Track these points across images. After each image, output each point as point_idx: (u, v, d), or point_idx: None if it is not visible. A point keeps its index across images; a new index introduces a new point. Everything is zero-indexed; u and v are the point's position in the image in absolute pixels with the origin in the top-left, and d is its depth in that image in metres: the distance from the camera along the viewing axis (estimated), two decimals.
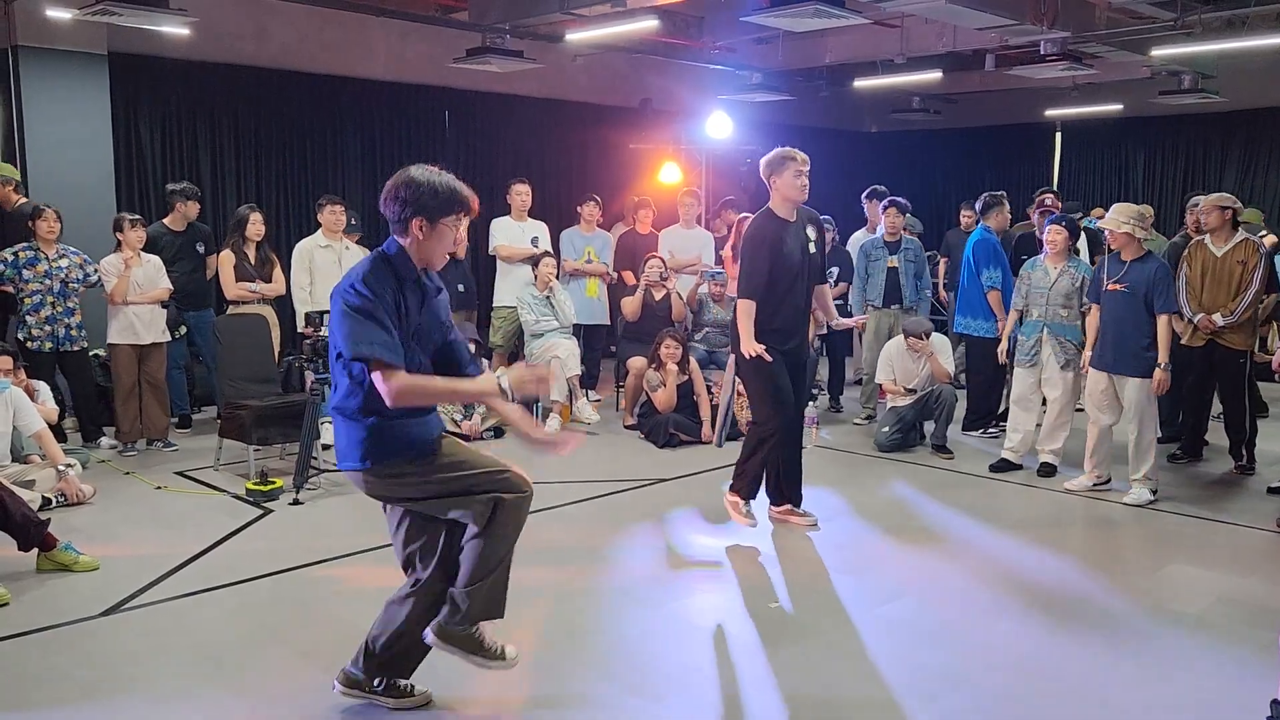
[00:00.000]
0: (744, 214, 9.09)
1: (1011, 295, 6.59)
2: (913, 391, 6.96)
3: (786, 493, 5.30)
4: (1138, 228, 5.57)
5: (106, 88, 7.83)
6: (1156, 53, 9.09)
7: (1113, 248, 5.71)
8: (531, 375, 3.05)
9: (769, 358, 4.90)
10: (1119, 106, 12.30)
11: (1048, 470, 6.19)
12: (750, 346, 4.89)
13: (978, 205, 7.60)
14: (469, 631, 3.04)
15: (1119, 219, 5.60)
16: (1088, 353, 5.91)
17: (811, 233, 5.11)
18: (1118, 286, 5.63)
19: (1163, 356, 5.52)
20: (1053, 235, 6.19)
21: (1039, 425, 6.38)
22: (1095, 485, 5.90)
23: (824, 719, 3.28)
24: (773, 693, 3.46)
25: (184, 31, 7.53)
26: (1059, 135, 13.87)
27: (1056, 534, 5.21)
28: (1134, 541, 5.19)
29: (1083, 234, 7.51)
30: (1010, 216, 7.68)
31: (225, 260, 7.08)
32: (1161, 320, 5.53)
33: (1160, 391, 5.59)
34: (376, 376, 2.82)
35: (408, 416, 2.98)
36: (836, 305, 8.15)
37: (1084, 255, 7.69)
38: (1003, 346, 6.37)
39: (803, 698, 3.42)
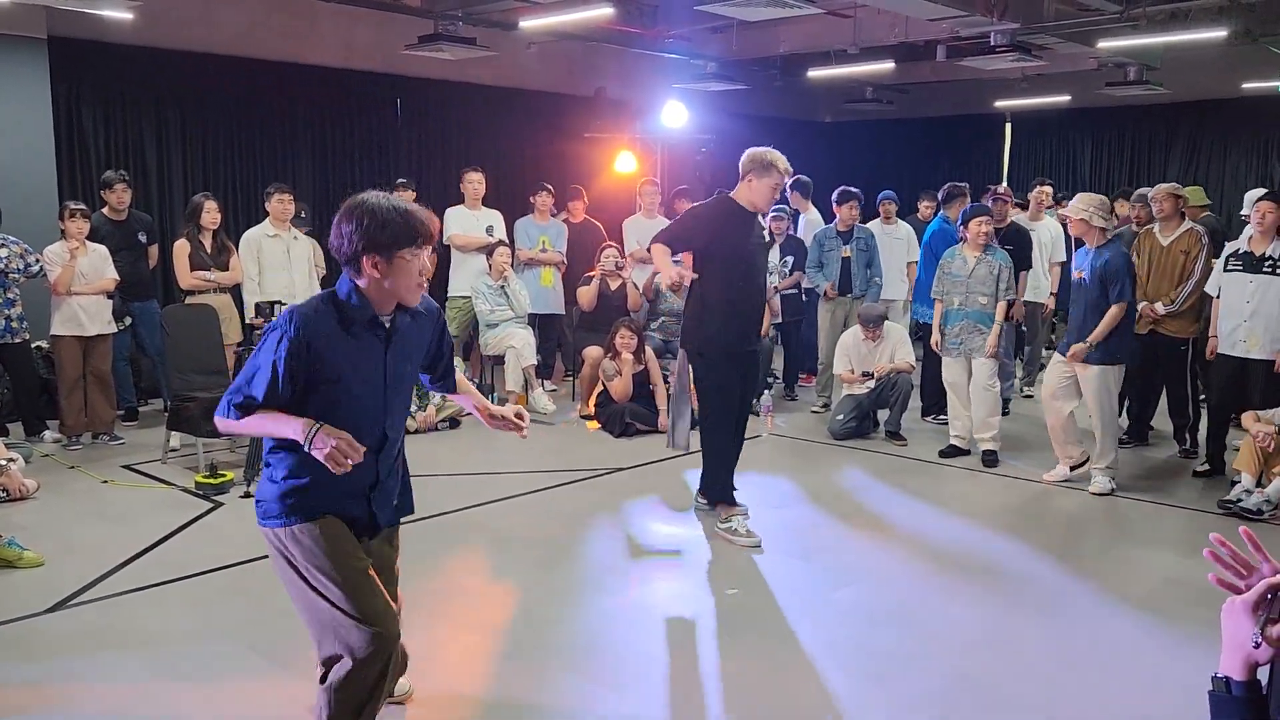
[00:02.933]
0: (697, 204, 9.12)
1: None
2: (870, 375, 7.01)
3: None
4: (1097, 215, 5.56)
5: (47, 73, 7.62)
6: (1103, 44, 9.24)
7: (1074, 234, 5.83)
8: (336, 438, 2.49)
9: (686, 277, 4.87)
10: (1067, 98, 12.49)
11: (990, 459, 6.26)
12: (669, 270, 4.88)
13: (940, 195, 7.68)
14: None
15: (1078, 205, 5.62)
16: (992, 340, 6.14)
17: (764, 222, 5.17)
18: (1079, 274, 5.74)
19: (1094, 337, 5.54)
20: (985, 226, 6.26)
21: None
22: (1074, 469, 5.88)
23: (780, 704, 3.31)
24: (730, 679, 3.48)
25: (126, 16, 7.35)
26: (1009, 126, 14.06)
27: (1006, 518, 5.29)
28: (1081, 525, 5.29)
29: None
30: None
31: (180, 249, 6.93)
32: (1113, 309, 5.53)
33: (1073, 359, 5.64)
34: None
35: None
36: (791, 294, 8.27)
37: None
38: (935, 337, 6.45)
39: (759, 684, 3.44)
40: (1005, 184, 12.35)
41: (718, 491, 5.07)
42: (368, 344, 2.62)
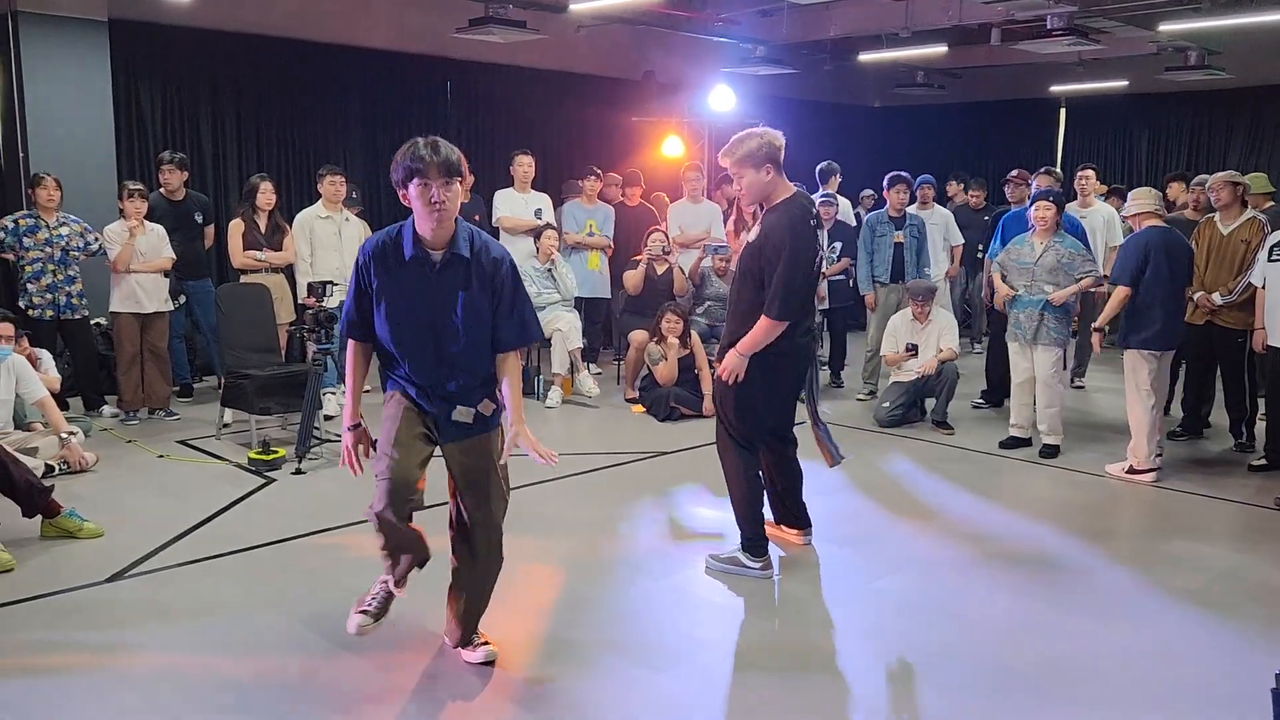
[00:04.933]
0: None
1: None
2: (914, 350, 6.93)
3: (784, 511, 4.67)
4: (1161, 205, 5.78)
5: (107, 54, 7.76)
6: (1164, 28, 9.01)
7: (1136, 229, 5.81)
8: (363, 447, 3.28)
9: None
10: (1124, 83, 12.22)
11: (1050, 451, 6.17)
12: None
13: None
14: None
15: (1136, 204, 5.75)
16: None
17: (752, 234, 4.25)
18: None
19: (1100, 321, 5.88)
20: (1041, 211, 6.17)
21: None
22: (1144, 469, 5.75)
23: (822, 690, 3.31)
24: (772, 664, 3.48)
25: None
26: (1064, 111, 13.79)
27: (1056, 509, 5.23)
28: (1134, 518, 5.21)
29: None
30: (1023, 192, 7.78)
31: (234, 229, 7.06)
32: (1116, 291, 5.67)
33: (1096, 350, 5.90)
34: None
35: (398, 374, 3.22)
36: (839, 281, 8.20)
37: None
38: (1003, 291, 6.28)
39: (802, 669, 3.45)
40: (1057, 167, 12.21)
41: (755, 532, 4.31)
42: (414, 274, 3.06)
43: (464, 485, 3.28)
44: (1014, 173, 8.59)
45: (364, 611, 3.22)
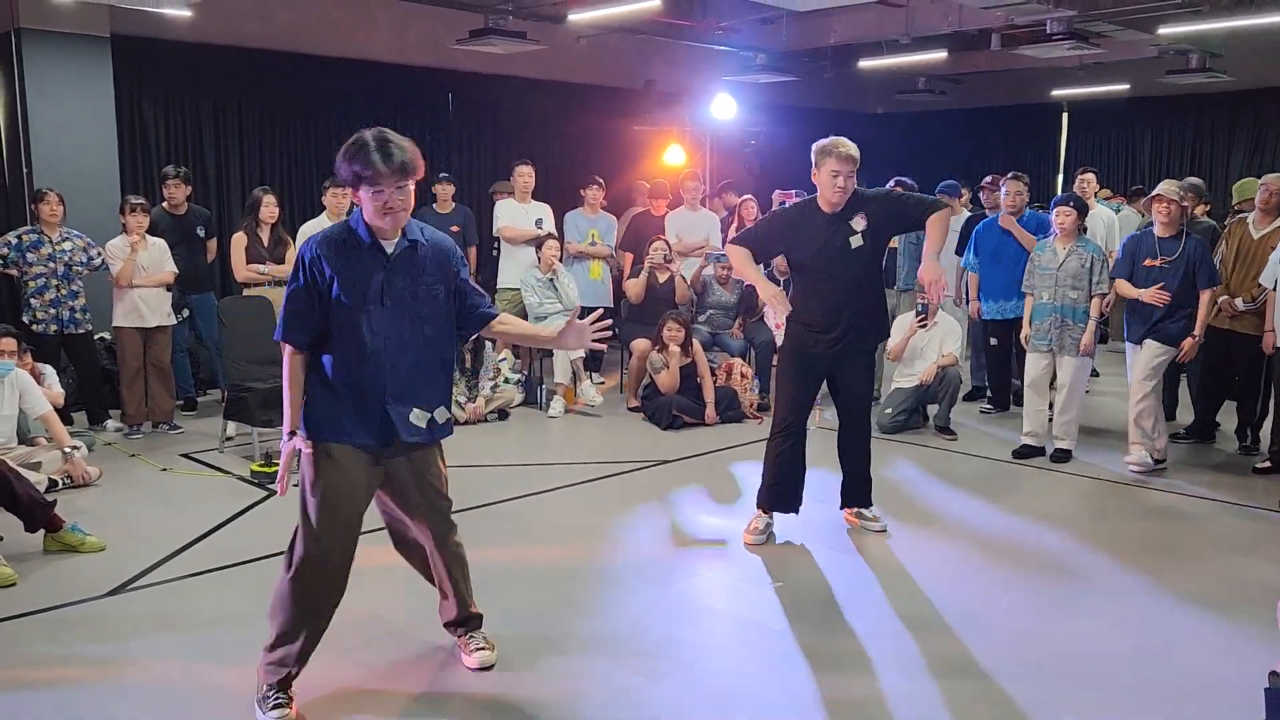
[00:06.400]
0: (745, 196, 9.09)
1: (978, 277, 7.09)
2: (925, 312, 6.90)
3: (849, 495, 5.01)
4: (1190, 198, 5.87)
5: (109, 70, 7.80)
6: (1165, 31, 9.01)
7: (1161, 220, 5.72)
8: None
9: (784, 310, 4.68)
10: (1125, 86, 12.23)
11: (1062, 456, 6.14)
12: (766, 291, 4.66)
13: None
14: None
15: (1174, 188, 5.73)
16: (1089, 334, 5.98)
17: (857, 223, 4.57)
18: (1155, 262, 5.73)
19: (1199, 329, 5.69)
20: (1061, 217, 6.14)
21: (1052, 406, 6.40)
22: (1158, 464, 5.89)
23: (826, 699, 3.30)
24: (775, 673, 3.47)
25: (186, 14, 7.51)
26: (1065, 115, 13.80)
27: (1059, 513, 5.21)
28: (1137, 520, 5.19)
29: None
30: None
31: (237, 242, 7.08)
32: (1204, 295, 5.66)
33: (1185, 358, 5.79)
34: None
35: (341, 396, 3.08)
36: None
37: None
38: (1025, 331, 6.27)
39: (804, 678, 3.44)
40: (1060, 172, 12.18)
41: (760, 493, 4.85)
42: (368, 266, 3.00)
43: (418, 501, 3.21)
44: (988, 179, 8.27)
45: (276, 705, 3.07)
